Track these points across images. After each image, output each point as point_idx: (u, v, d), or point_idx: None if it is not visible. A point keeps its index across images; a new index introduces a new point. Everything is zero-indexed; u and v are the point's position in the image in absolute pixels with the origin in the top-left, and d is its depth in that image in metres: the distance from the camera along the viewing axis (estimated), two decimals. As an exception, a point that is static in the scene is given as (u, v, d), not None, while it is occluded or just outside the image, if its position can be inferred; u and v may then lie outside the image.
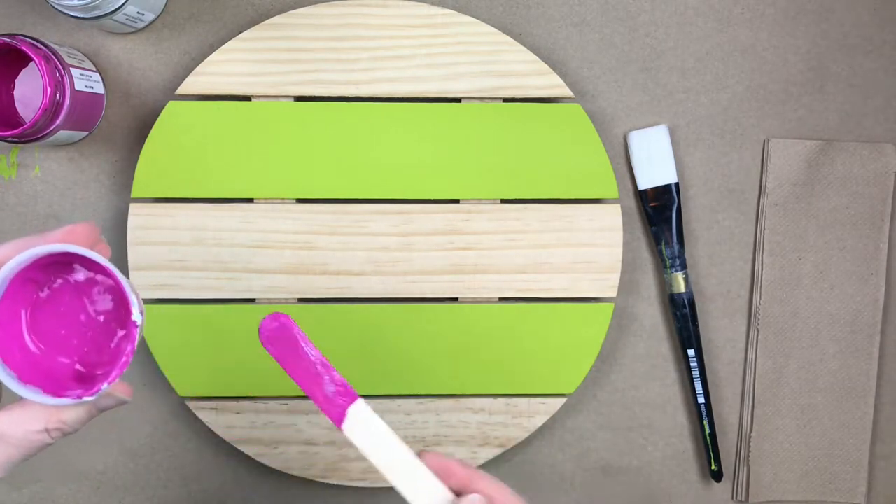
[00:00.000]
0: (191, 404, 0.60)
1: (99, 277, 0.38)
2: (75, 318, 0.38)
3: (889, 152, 0.63)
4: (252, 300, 0.60)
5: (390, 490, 0.63)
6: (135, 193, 0.59)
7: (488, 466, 0.63)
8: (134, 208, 0.59)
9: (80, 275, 0.38)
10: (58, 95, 0.53)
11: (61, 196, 0.61)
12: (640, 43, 0.63)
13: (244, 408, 0.60)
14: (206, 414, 0.59)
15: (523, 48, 0.60)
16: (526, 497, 0.63)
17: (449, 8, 0.61)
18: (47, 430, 0.36)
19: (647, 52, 0.63)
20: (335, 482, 0.60)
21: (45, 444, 0.37)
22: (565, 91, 0.60)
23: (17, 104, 0.57)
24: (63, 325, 0.38)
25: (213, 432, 0.61)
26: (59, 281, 0.38)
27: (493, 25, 0.62)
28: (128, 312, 0.36)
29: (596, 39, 0.63)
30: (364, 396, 0.60)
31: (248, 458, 0.62)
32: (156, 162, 0.59)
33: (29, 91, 0.57)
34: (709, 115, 0.63)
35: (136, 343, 0.36)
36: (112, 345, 0.38)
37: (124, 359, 0.36)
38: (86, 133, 0.60)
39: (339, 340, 0.60)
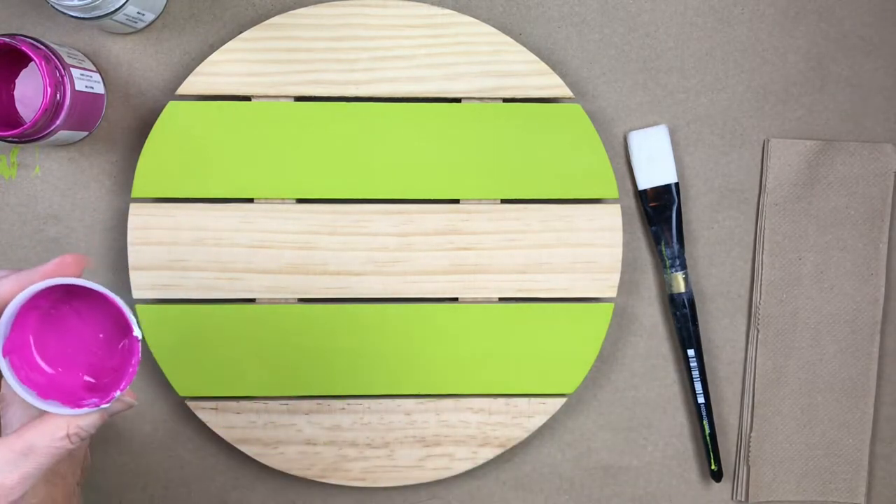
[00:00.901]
0: (191, 404, 0.60)
1: (92, 298, 0.43)
2: (77, 336, 0.44)
3: (889, 152, 0.63)
4: (252, 300, 0.60)
5: (390, 490, 0.63)
6: (135, 193, 0.59)
7: (488, 466, 0.63)
8: (134, 208, 0.59)
9: (76, 298, 0.43)
10: (58, 95, 0.53)
11: (61, 196, 0.61)
12: (640, 43, 0.63)
13: (244, 408, 0.60)
14: (206, 414, 0.59)
15: (523, 48, 0.60)
16: (526, 497, 0.63)
17: (449, 8, 0.61)
18: (68, 437, 0.41)
19: (647, 51, 0.63)
20: (335, 482, 0.60)
21: (68, 450, 0.42)
22: (565, 91, 0.60)
23: (17, 104, 0.57)
24: (68, 344, 0.43)
25: (213, 432, 0.61)
26: (59, 306, 0.43)
27: (493, 25, 0.62)
28: (128, 329, 0.42)
29: (596, 39, 0.63)
30: (364, 396, 0.61)
31: (248, 458, 0.62)
32: (156, 162, 0.59)
33: (29, 91, 0.57)
34: (709, 115, 0.63)
35: (140, 355, 0.41)
36: (114, 355, 0.44)
37: (131, 370, 0.41)
38: (86, 133, 0.60)
39: (339, 340, 0.60)
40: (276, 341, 0.60)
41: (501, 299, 0.61)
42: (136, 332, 0.41)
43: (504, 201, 0.61)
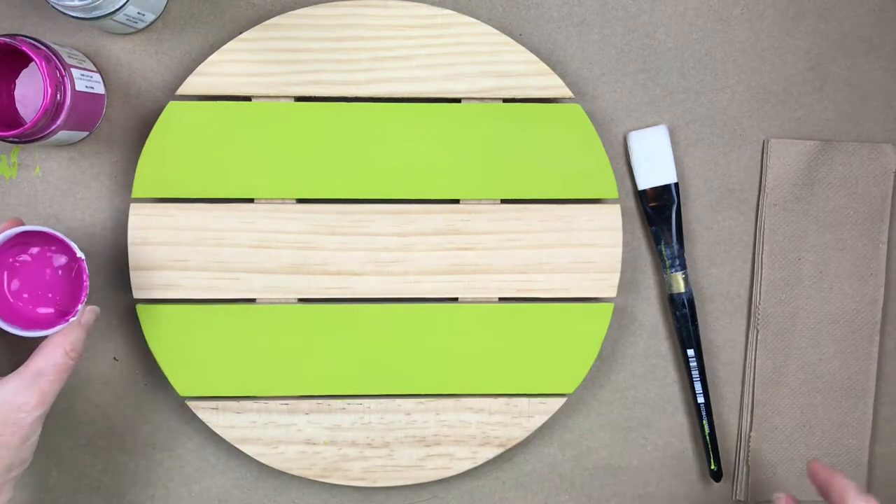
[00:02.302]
0: (191, 404, 0.60)
1: (45, 245, 0.54)
2: (42, 278, 0.54)
3: (889, 152, 0.63)
4: (252, 300, 0.60)
5: (390, 490, 0.63)
6: (135, 193, 0.59)
7: (488, 466, 0.63)
8: (134, 208, 0.59)
9: (34, 248, 0.54)
10: (58, 96, 0.53)
11: (62, 196, 0.61)
12: (640, 43, 0.63)
13: (244, 407, 0.60)
14: (206, 414, 0.59)
15: (523, 48, 0.60)
16: (526, 497, 0.63)
17: (449, 8, 0.61)
18: (66, 353, 0.51)
19: (647, 52, 0.63)
20: (335, 482, 0.60)
21: (70, 366, 0.51)
22: (565, 91, 0.60)
23: (17, 104, 0.57)
24: (36, 286, 0.54)
25: (213, 432, 0.61)
26: (22, 257, 0.54)
27: (493, 26, 0.62)
28: (73, 255, 0.52)
29: (596, 39, 0.63)
30: (364, 396, 0.61)
31: (248, 457, 0.62)
32: (156, 162, 0.59)
33: (30, 91, 0.57)
34: (708, 115, 0.63)
35: (88, 272, 0.52)
36: (70, 283, 0.54)
37: (84, 285, 0.52)
38: (86, 133, 0.60)
39: (339, 340, 0.60)
40: (276, 341, 0.60)
41: (501, 299, 0.61)
42: (80, 255, 0.52)
43: (504, 201, 0.61)
